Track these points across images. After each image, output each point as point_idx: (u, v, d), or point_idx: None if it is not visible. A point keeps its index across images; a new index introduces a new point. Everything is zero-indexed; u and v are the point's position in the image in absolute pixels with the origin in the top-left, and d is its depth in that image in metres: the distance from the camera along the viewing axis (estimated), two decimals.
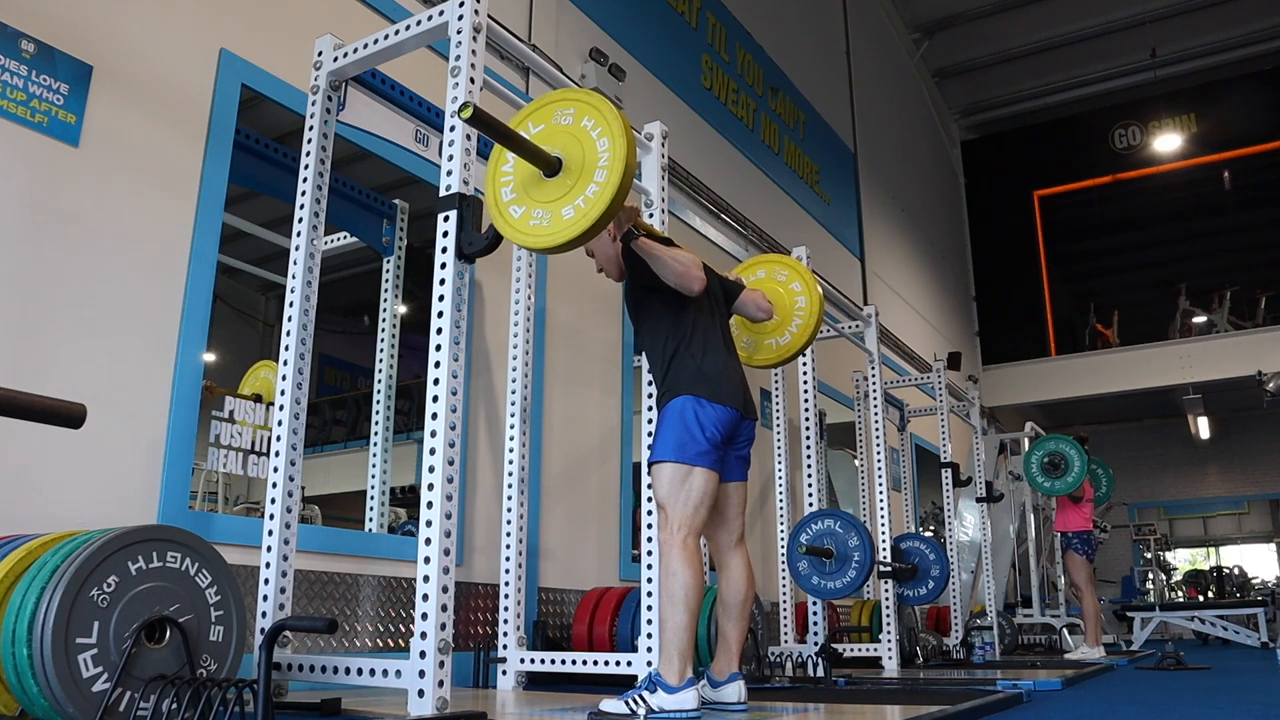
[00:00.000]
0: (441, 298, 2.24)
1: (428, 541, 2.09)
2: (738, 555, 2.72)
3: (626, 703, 2.31)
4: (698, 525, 2.48)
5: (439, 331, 2.22)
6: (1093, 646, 6.68)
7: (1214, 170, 13.03)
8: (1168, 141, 13.41)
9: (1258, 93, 12.83)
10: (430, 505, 2.11)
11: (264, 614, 2.36)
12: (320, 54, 2.69)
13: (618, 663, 2.97)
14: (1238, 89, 13.02)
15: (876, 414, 5.07)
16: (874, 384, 5.12)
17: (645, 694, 2.32)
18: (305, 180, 2.62)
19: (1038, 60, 13.07)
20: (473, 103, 2.19)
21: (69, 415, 1.57)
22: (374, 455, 3.75)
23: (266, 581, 2.38)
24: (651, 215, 3.12)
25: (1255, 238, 13.50)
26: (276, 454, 2.47)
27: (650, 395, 2.91)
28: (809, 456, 4.52)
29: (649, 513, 2.90)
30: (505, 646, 3.17)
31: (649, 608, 2.80)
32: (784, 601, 4.78)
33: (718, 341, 2.70)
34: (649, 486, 2.93)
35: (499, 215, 2.31)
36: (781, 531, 4.93)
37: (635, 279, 2.71)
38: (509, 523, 3.24)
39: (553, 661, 3.10)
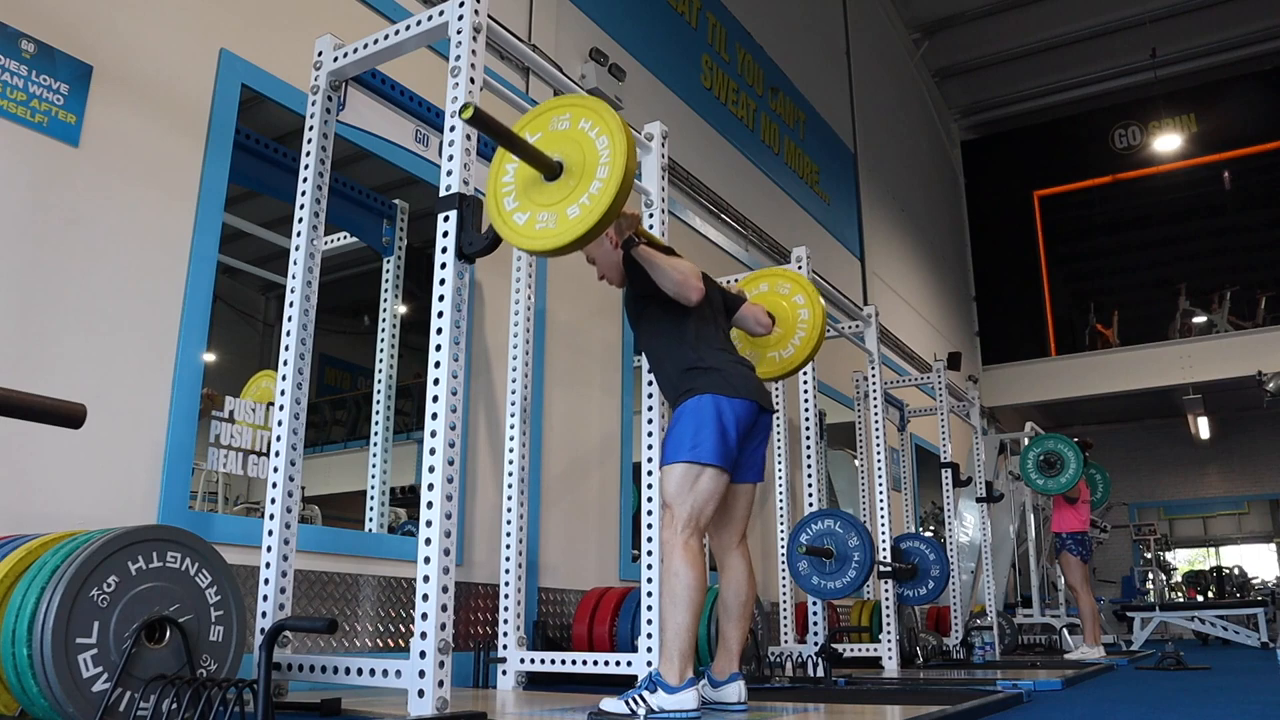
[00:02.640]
0: (441, 298, 2.24)
1: (428, 541, 2.09)
2: (740, 556, 2.73)
3: (626, 702, 2.31)
4: (702, 525, 2.49)
5: (439, 331, 2.22)
6: (1092, 646, 6.67)
7: (1214, 170, 13.03)
8: (1168, 141, 13.41)
9: (1258, 93, 12.84)
10: (430, 505, 2.11)
11: (264, 614, 2.36)
12: (320, 54, 2.69)
13: (618, 663, 2.97)
14: (1238, 89, 13.02)
15: (876, 414, 5.07)
16: (874, 384, 5.12)
17: (645, 694, 2.32)
18: (305, 180, 2.62)
19: (1038, 60, 13.07)
20: (473, 103, 2.18)
21: (69, 415, 1.57)
22: (374, 455, 3.75)
23: (266, 581, 2.38)
24: (651, 215, 3.12)
25: (1255, 238, 13.51)
26: (276, 454, 2.46)
27: (650, 395, 2.92)
28: (809, 456, 4.52)
29: (649, 513, 2.90)
30: (505, 646, 3.17)
31: (649, 608, 2.80)
32: (784, 601, 4.78)
33: (721, 343, 2.73)
34: (649, 487, 2.93)
35: (503, 223, 2.29)
36: (781, 531, 4.93)
37: (634, 286, 2.74)
38: (509, 523, 3.24)
39: (553, 661, 3.10)
